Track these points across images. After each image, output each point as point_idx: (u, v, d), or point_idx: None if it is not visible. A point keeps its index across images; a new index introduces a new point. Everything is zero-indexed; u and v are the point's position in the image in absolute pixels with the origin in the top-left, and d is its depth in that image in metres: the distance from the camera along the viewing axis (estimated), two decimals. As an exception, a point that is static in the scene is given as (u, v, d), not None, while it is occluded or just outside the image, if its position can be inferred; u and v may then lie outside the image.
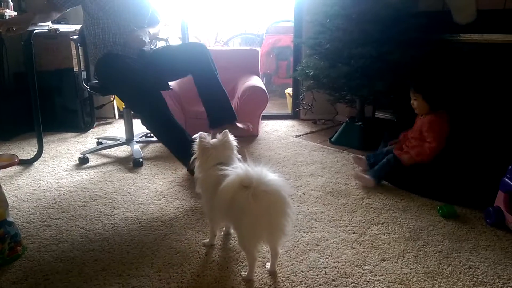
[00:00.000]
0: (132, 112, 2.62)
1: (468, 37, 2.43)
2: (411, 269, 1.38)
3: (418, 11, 2.51)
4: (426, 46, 2.43)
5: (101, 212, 1.81)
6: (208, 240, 1.55)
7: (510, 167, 1.63)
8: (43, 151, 2.51)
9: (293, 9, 3.49)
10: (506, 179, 1.63)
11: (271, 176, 1.21)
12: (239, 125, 2.29)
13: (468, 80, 2.43)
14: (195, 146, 1.44)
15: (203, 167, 1.43)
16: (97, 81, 2.46)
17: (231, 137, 1.44)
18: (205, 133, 1.44)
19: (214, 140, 1.44)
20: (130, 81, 2.09)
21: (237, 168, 1.24)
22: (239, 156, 1.46)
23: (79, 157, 2.47)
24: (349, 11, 2.51)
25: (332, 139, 2.89)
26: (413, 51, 2.37)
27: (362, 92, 2.54)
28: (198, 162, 1.44)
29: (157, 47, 2.60)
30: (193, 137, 1.61)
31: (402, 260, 1.43)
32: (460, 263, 1.42)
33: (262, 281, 1.32)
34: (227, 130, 1.45)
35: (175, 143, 2.07)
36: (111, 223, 1.70)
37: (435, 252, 1.48)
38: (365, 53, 2.38)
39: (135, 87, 2.07)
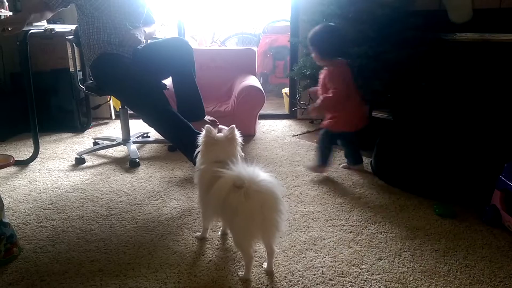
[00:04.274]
0: (130, 112, 2.61)
1: (464, 36, 2.44)
2: (408, 268, 1.39)
3: (414, 10, 2.51)
4: (423, 45, 2.44)
5: (97, 212, 1.80)
6: (200, 233, 1.58)
7: (506, 165, 1.64)
8: (39, 152, 2.50)
9: (290, 8, 3.50)
10: (502, 178, 1.63)
11: (263, 175, 1.22)
12: (207, 118, 2.39)
13: (464, 79, 2.44)
14: (200, 139, 1.45)
15: (204, 159, 1.44)
16: (92, 81, 2.45)
17: (237, 133, 1.45)
18: (212, 127, 1.44)
19: (220, 134, 1.45)
20: (130, 79, 2.08)
21: (231, 169, 1.25)
22: (242, 153, 1.47)
23: (76, 158, 2.46)
24: (345, 10, 2.51)
25: (329, 139, 2.88)
26: (409, 51, 2.37)
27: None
28: (200, 154, 1.46)
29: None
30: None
31: (399, 259, 1.44)
32: (456, 261, 1.42)
33: (259, 280, 1.32)
34: (233, 126, 1.45)
35: (182, 137, 2.06)
36: (108, 224, 1.70)
37: (431, 251, 1.49)
38: (362, 53, 2.38)
39: (136, 86, 2.06)
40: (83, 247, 1.52)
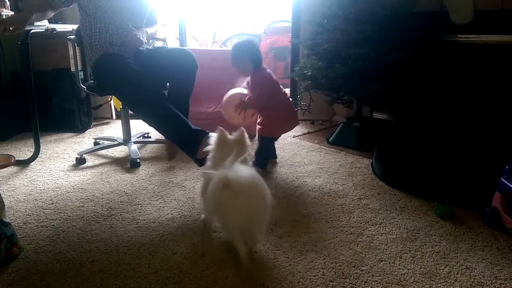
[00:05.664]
0: (131, 112, 2.61)
1: (465, 37, 2.44)
2: (408, 269, 1.39)
3: (415, 11, 2.51)
4: (424, 47, 2.44)
5: (98, 213, 1.80)
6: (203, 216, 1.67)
7: (507, 167, 1.64)
8: (40, 152, 2.50)
9: (291, 9, 3.49)
10: (503, 180, 1.63)
11: (247, 174, 1.27)
12: None
13: (465, 81, 2.44)
14: (213, 138, 1.51)
15: (215, 161, 1.49)
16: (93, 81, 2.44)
17: (246, 135, 1.53)
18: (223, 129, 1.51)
19: (231, 136, 1.52)
20: (130, 79, 2.06)
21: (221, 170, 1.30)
22: (252, 154, 1.55)
23: (76, 158, 2.46)
24: (346, 11, 2.52)
25: (329, 140, 2.89)
26: (410, 52, 2.37)
27: (359, 92, 2.55)
28: (211, 155, 1.51)
29: (153, 46, 2.60)
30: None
31: (399, 261, 1.43)
32: (457, 263, 1.42)
33: (260, 282, 1.31)
34: (243, 129, 1.51)
35: (181, 135, 2.03)
36: (108, 224, 1.70)
37: (432, 252, 1.49)
38: (362, 54, 2.39)
39: (136, 85, 2.04)
40: (84, 247, 1.52)
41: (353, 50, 2.42)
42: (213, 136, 1.52)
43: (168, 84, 2.36)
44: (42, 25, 2.44)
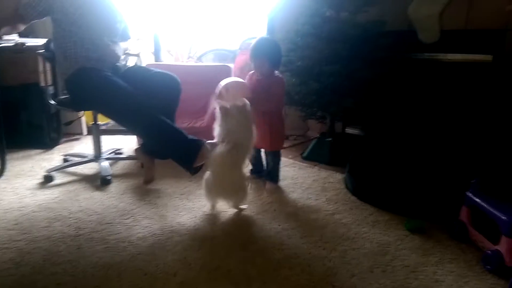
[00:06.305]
0: (103, 127, 2.56)
1: (433, 55, 2.54)
2: (379, 284, 1.40)
3: (385, 30, 2.60)
4: (393, 64, 2.52)
5: (65, 233, 1.74)
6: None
7: (473, 181, 1.69)
8: (6, 169, 2.41)
9: (266, 26, 3.55)
10: (469, 194, 1.68)
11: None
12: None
13: (432, 97, 2.52)
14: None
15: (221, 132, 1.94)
16: (66, 96, 2.37)
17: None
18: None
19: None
20: (115, 92, 2.00)
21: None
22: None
23: (44, 175, 2.37)
24: (319, 30, 2.58)
25: (303, 155, 2.91)
26: (380, 69, 2.45)
27: (331, 108, 2.59)
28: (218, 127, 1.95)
29: (127, 62, 2.56)
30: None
31: (370, 275, 1.45)
32: (426, 277, 1.45)
33: (232, 301, 1.30)
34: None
35: (177, 146, 1.98)
36: (76, 245, 1.64)
37: (402, 266, 1.51)
38: (335, 71, 2.44)
39: (123, 98, 1.98)
40: (49, 270, 1.46)
41: (326, 67, 2.48)
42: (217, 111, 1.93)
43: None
44: (11, 39, 2.38)
